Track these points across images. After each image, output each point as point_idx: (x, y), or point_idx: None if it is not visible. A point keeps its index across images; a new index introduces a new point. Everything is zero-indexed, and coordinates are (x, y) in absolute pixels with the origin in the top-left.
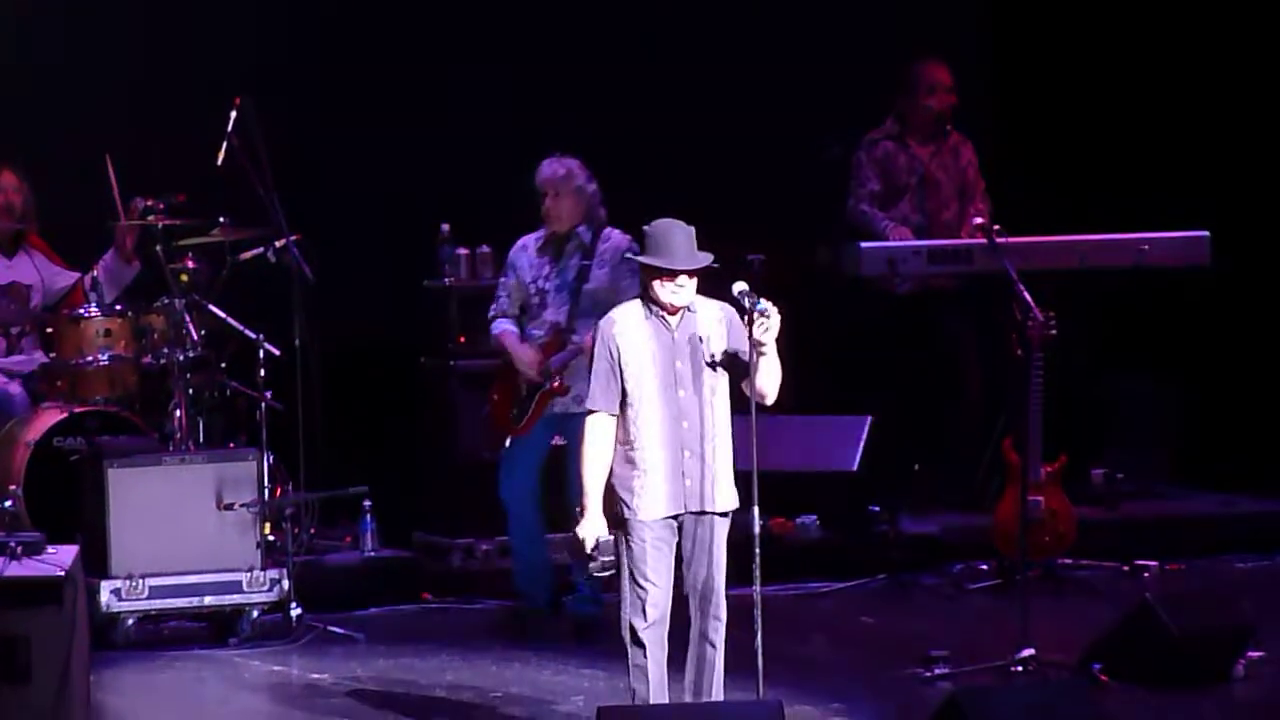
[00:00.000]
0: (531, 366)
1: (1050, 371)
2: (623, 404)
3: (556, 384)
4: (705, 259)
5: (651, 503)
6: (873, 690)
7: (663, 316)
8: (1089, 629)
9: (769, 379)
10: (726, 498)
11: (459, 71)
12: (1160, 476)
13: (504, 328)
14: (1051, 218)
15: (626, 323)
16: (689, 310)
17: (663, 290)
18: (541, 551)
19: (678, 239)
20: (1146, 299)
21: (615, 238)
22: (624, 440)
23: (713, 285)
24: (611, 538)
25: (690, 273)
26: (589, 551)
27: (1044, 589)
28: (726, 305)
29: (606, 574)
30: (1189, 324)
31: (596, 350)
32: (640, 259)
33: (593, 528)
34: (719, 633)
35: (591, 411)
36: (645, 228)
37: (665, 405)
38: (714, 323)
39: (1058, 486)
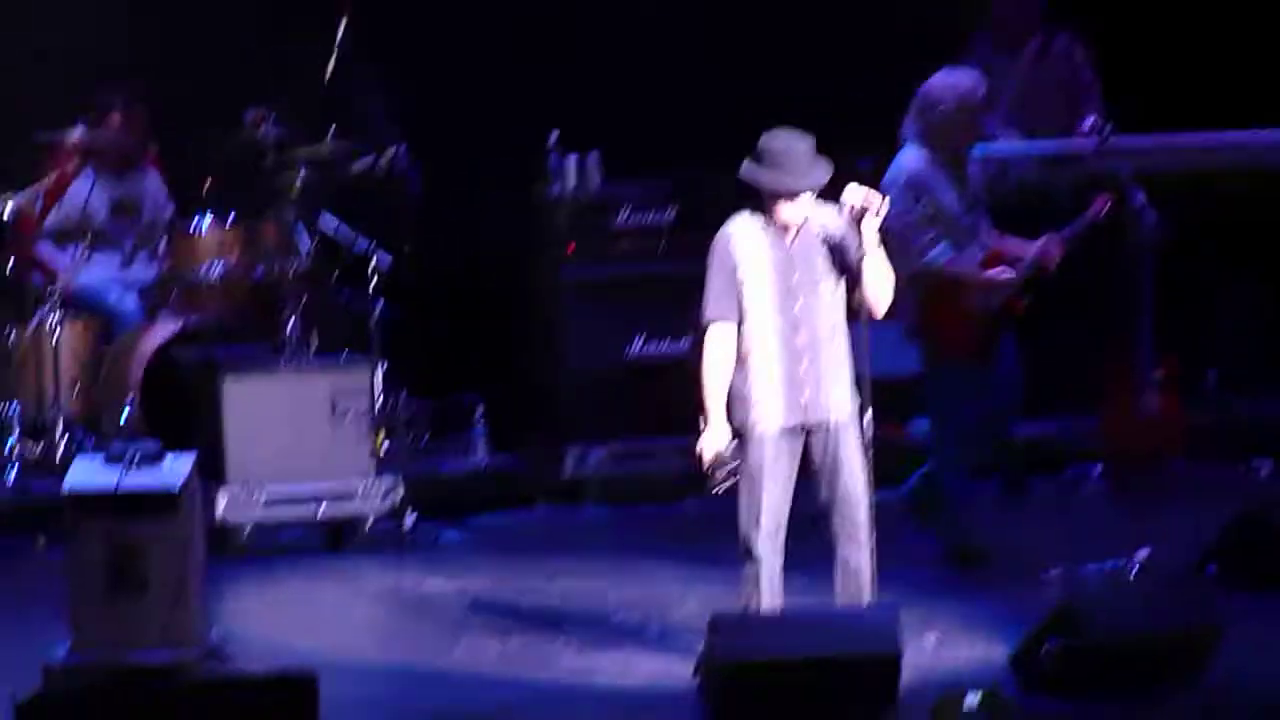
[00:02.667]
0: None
1: (1162, 274)
2: (740, 315)
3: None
4: (825, 174)
5: (769, 413)
6: (986, 592)
7: (779, 227)
8: (1203, 532)
9: (882, 285)
10: (847, 404)
11: None
12: (1272, 379)
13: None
14: (1163, 118)
15: (743, 234)
16: (807, 219)
17: (783, 208)
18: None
19: (798, 155)
20: (1261, 199)
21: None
22: (741, 351)
23: (825, 191)
24: (733, 448)
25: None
26: (710, 462)
27: (1156, 492)
28: (842, 205)
29: (727, 484)
30: None
31: (714, 261)
32: (760, 176)
33: (714, 439)
34: (859, 540)
35: (710, 321)
36: (762, 141)
37: (782, 316)
38: (832, 228)
39: (1169, 389)
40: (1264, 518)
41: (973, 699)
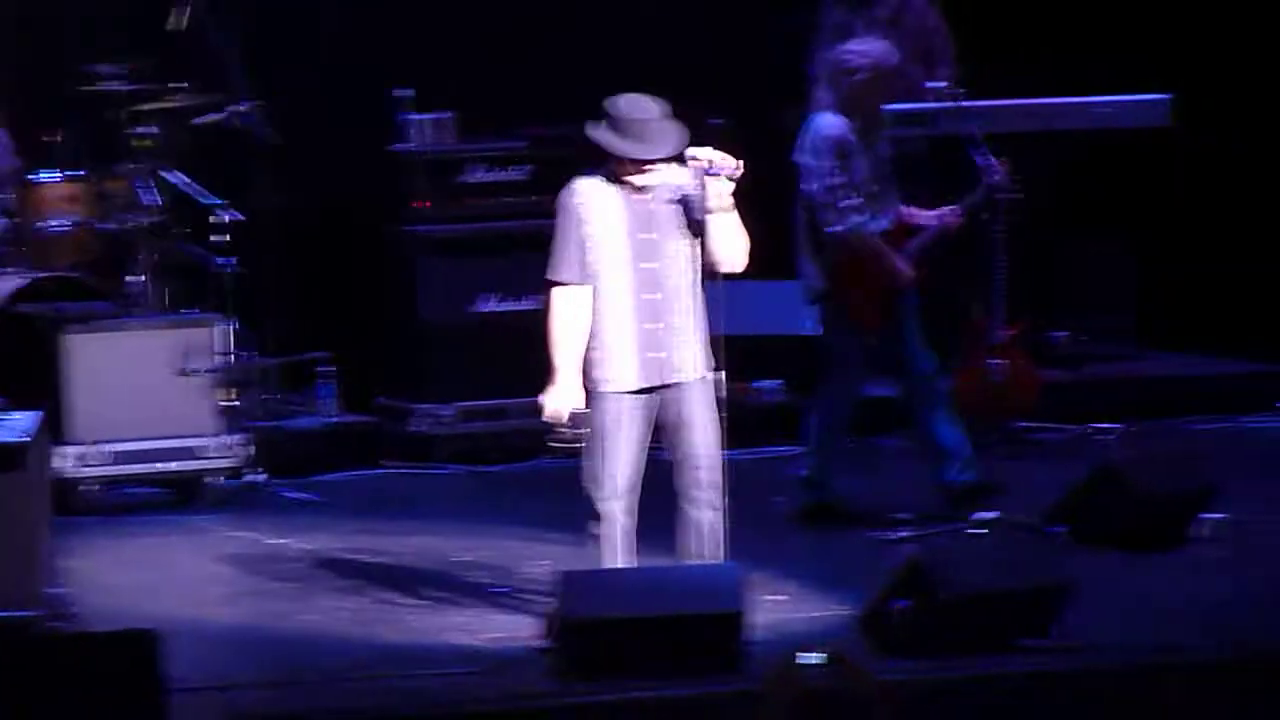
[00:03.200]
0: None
1: (1012, 235)
2: (588, 275)
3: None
4: (679, 140)
5: (622, 374)
6: (835, 552)
7: (630, 187)
8: (1051, 491)
9: (734, 243)
10: (700, 364)
11: None
12: (1122, 339)
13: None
14: (1011, 82)
15: (591, 194)
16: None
17: (633, 175)
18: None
19: (652, 123)
20: (1108, 162)
21: None
22: (593, 312)
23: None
24: (578, 408)
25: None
26: (559, 423)
27: (1006, 452)
28: (695, 161)
29: (569, 445)
30: (1150, 187)
31: (560, 221)
32: (613, 143)
33: (559, 397)
34: (708, 500)
35: (557, 282)
36: (609, 106)
37: (635, 276)
38: (681, 187)
39: (1020, 350)
40: (1111, 477)
41: (810, 658)
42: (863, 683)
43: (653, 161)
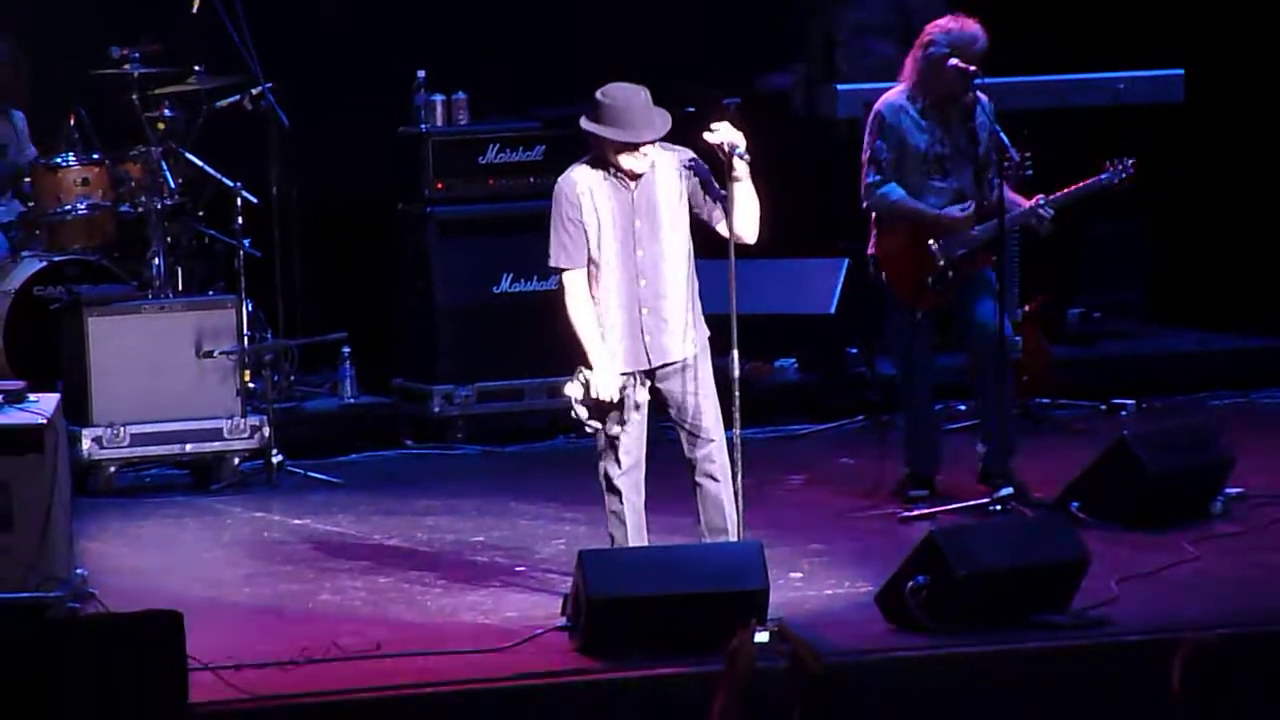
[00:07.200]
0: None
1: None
2: (588, 260)
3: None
4: (664, 124)
5: (614, 352)
6: (852, 531)
7: (621, 177)
8: (1067, 468)
9: (749, 217)
10: (687, 345)
11: None
12: (1136, 316)
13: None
14: (1026, 59)
15: (585, 182)
16: (649, 168)
17: (623, 159)
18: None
19: (637, 108)
20: (1122, 137)
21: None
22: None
23: (693, 130)
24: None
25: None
26: (605, 402)
27: (1021, 428)
28: (682, 150)
29: (610, 429)
30: (1164, 162)
31: (557, 210)
32: (599, 130)
33: (605, 379)
34: (714, 467)
35: (562, 270)
36: (599, 96)
37: (623, 265)
38: (673, 176)
39: (1035, 327)
40: (1126, 453)
41: (763, 634)
42: (807, 658)
43: (641, 145)
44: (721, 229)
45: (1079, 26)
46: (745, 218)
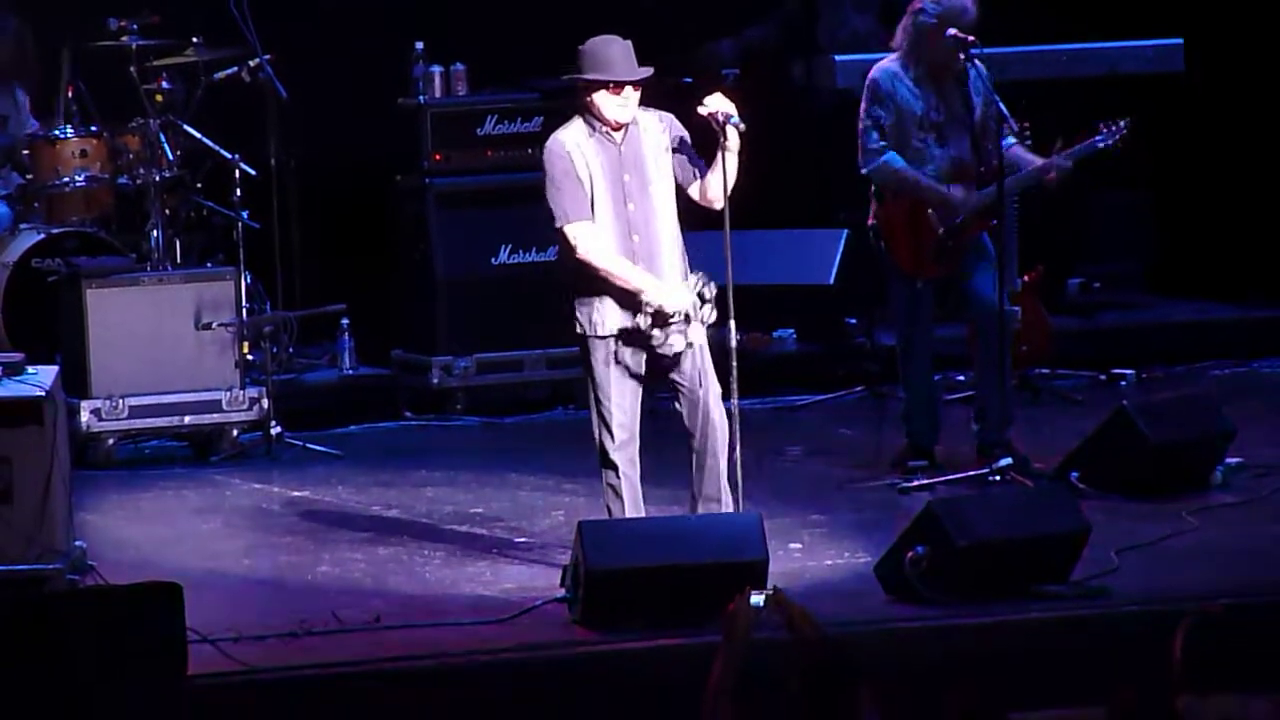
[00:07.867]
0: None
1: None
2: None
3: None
4: (646, 71)
5: (607, 317)
6: (851, 501)
7: (607, 132)
8: (1067, 438)
9: (727, 185)
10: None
11: None
12: (1136, 286)
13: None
14: (1026, 28)
15: (573, 139)
16: (633, 123)
17: (608, 105)
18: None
19: (616, 53)
20: (1121, 107)
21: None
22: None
23: (693, 100)
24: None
25: (634, 84)
26: (686, 312)
27: (1021, 399)
28: (664, 113)
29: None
30: (1164, 133)
31: (551, 170)
32: (582, 76)
33: (667, 293)
34: (712, 437)
35: (573, 222)
36: (581, 46)
37: (615, 220)
38: (657, 133)
39: (1034, 297)
40: (1127, 424)
41: (758, 599)
42: (803, 623)
43: (624, 84)
44: (693, 191)
45: None
46: (725, 185)
